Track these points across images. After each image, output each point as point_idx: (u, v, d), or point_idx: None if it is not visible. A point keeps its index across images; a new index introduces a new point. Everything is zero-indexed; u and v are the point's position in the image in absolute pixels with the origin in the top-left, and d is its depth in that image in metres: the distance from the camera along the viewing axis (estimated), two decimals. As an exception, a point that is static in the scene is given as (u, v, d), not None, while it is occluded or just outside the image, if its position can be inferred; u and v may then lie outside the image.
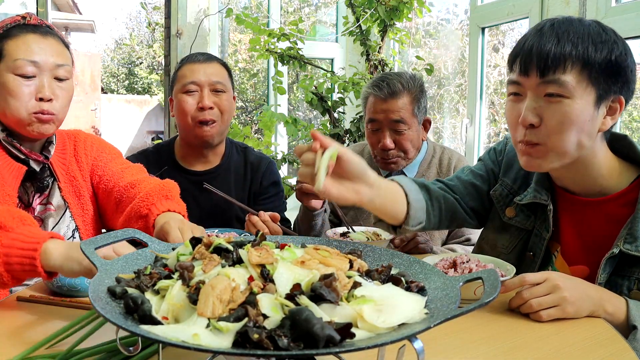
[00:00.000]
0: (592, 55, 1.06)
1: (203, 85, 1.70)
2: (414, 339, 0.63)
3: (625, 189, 1.16)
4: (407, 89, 1.81)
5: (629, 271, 1.12)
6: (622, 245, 1.10)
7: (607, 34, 1.09)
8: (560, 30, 1.08)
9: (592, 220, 1.19)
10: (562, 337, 0.96)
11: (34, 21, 1.36)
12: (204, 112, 1.68)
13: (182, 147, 1.82)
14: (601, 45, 1.07)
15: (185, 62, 1.76)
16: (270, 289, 0.69)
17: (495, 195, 1.36)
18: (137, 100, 12.61)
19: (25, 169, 1.34)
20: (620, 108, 1.12)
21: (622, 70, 1.08)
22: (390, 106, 1.80)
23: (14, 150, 1.34)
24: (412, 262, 0.86)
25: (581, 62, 1.06)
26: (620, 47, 1.08)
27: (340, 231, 1.63)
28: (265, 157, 1.90)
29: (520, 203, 1.30)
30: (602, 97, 1.09)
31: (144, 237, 0.94)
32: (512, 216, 1.32)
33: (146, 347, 0.87)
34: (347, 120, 3.70)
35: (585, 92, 1.07)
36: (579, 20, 1.11)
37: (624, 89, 1.11)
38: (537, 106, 1.10)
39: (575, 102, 1.07)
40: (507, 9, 2.91)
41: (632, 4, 2.29)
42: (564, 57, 1.06)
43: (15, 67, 1.29)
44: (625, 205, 1.14)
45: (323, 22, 5.11)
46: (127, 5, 29.75)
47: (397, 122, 1.80)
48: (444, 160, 1.95)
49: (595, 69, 1.06)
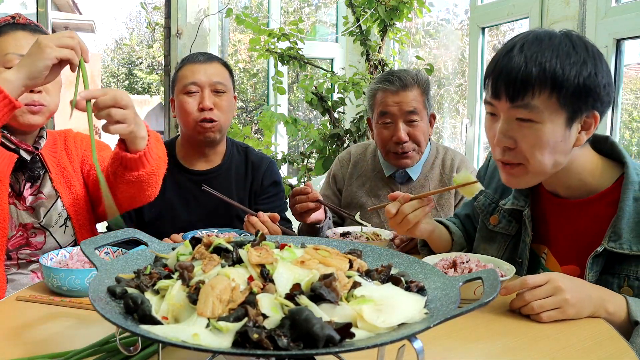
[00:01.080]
0: (560, 78, 1.05)
1: (204, 85, 1.70)
2: (413, 338, 0.63)
3: (607, 188, 1.17)
4: (416, 82, 1.84)
5: (618, 269, 1.13)
6: (607, 243, 1.12)
7: (577, 52, 1.07)
8: (529, 53, 1.07)
9: (579, 220, 1.21)
10: (562, 337, 0.96)
11: (23, 20, 1.42)
12: (205, 112, 1.68)
13: (183, 147, 1.82)
14: (569, 67, 1.05)
15: (185, 62, 1.76)
16: (270, 288, 0.69)
17: (478, 206, 1.42)
18: (137, 100, 12.59)
19: (16, 157, 1.39)
20: (595, 122, 1.11)
21: (591, 90, 1.07)
22: (403, 98, 1.81)
23: (5, 140, 1.39)
24: (412, 262, 0.86)
25: (549, 87, 1.06)
26: (590, 67, 1.07)
27: (340, 231, 1.63)
28: (266, 157, 1.90)
29: (503, 208, 1.34)
30: (573, 118, 1.09)
31: (143, 237, 0.94)
32: (495, 223, 1.37)
33: (146, 347, 0.87)
34: (347, 120, 3.70)
35: (554, 115, 1.07)
36: (550, 39, 1.09)
37: (597, 105, 1.10)
38: (509, 128, 1.11)
39: (546, 126, 1.08)
40: (507, 9, 2.91)
41: (632, 4, 2.29)
42: (531, 82, 1.06)
43: (5, 61, 1.34)
44: (610, 204, 1.16)
45: (323, 22, 5.11)
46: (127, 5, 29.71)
47: (411, 113, 1.81)
48: (447, 161, 1.96)
49: (563, 93, 1.06)
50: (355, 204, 1.96)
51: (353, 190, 1.98)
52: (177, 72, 1.76)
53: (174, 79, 1.78)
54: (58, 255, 1.24)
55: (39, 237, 1.43)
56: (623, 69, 2.38)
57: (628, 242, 1.11)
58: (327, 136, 3.48)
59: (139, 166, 1.31)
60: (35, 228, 1.42)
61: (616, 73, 2.35)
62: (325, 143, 3.47)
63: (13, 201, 1.40)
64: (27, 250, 1.41)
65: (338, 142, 3.48)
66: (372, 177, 1.97)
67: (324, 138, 3.48)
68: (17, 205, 1.41)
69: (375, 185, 1.95)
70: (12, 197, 1.40)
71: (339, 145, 3.47)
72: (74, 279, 1.12)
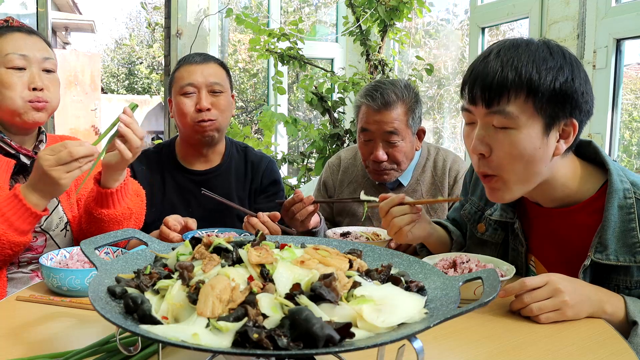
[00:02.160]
0: (536, 83, 1.03)
1: (201, 86, 1.70)
2: (413, 338, 0.63)
3: (591, 197, 1.15)
4: (401, 99, 1.75)
5: (607, 278, 1.12)
6: (593, 255, 1.11)
7: (554, 58, 1.06)
8: (505, 58, 1.06)
9: (564, 230, 1.19)
10: (562, 337, 0.96)
11: (17, 24, 1.46)
12: (202, 113, 1.68)
13: (182, 147, 1.82)
14: (545, 72, 1.04)
15: (182, 63, 1.75)
16: (270, 288, 0.69)
17: (465, 214, 1.42)
18: (137, 100, 12.60)
19: (14, 162, 1.40)
20: (574, 131, 1.09)
21: (568, 96, 1.05)
22: (384, 117, 1.74)
23: (5, 145, 1.41)
24: (412, 262, 0.86)
25: (525, 91, 1.04)
26: (567, 73, 1.05)
27: (340, 231, 1.63)
28: (266, 156, 1.90)
29: (490, 218, 1.33)
30: (550, 125, 1.06)
31: (143, 237, 0.94)
32: (482, 231, 1.37)
33: (146, 347, 0.87)
34: (347, 120, 3.70)
35: (530, 121, 1.05)
36: (527, 45, 1.07)
37: (575, 112, 1.07)
38: (486, 135, 1.09)
39: (521, 133, 1.06)
40: (507, 9, 2.91)
41: (632, 4, 2.29)
42: (507, 86, 1.04)
43: (7, 61, 1.38)
44: (594, 212, 1.14)
45: (323, 22, 5.11)
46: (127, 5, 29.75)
47: (391, 134, 1.75)
48: (439, 162, 1.91)
49: (539, 98, 1.04)
50: (347, 211, 1.95)
51: (344, 198, 1.97)
52: (174, 73, 1.76)
53: (170, 80, 1.78)
54: (58, 255, 1.24)
55: (39, 241, 1.42)
56: (623, 69, 2.38)
57: (615, 252, 1.09)
58: (327, 136, 3.48)
59: (106, 204, 1.40)
60: (36, 232, 1.41)
61: (616, 73, 2.35)
62: (325, 143, 3.47)
63: None
64: (28, 254, 1.41)
65: (338, 142, 3.48)
66: (363, 184, 1.94)
67: (324, 138, 3.48)
68: None
69: (366, 191, 1.90)
70: None
71: (339, 145, 3.47)
72: (74, 279, 1.12)
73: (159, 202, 1.75)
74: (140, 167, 1.78)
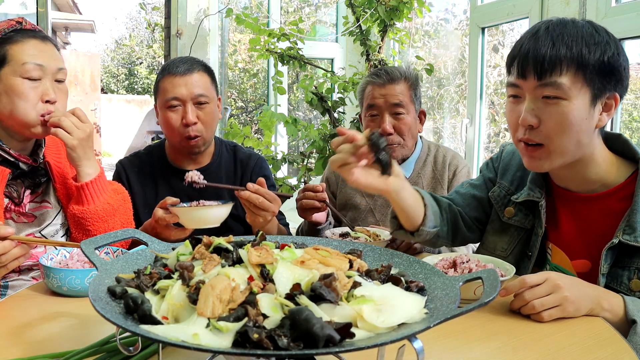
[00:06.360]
0: (586, 57, 1.09)
1: (186, 100, 1.68)
2: (413, 338, 0.63)
3: (622, 183, 1.19)
4: (404, 76, 1.86)
5: (628, 262, 1.14)
6: (622, 236, 1.13)
7: (600, 34, 1.12)
8: (555, 34, 1.11)
9: (591, 215, 1.22)
10: (562, 337, 0.96)
11: (29, 26, 1.40)
12: (189, 128, 1.69)
13: (172, 150, 1.84)
14: (594, 46, 1.10)
15: (165, 73, 1.72)
16: (270, 288, 0.69)
17: (493, 197, 1.41)
18: (137, 100, 12.60)
19: (9, 171, 1.37)
20: (616, 104, 1.15)
21: (615, 69, 1.11)
22: (389, 90, 1.84)
23: (4, 154, 1.37)
24: (412, 262, 0.86)
25: (576, 64, 1.09)
26: (613, 47, 1.11)
27: (340, 231, 1.63)
28: (254, 154, 1.92)
29: (516, 201, 1.34)
30: (597, 96, 1.12)
31: (143, 237, 0.94)
32: (511, 216, 1.36)
33: (146, 347, 0.87)
34: (347, 120, 3.70)
35: (580, 93, 1.10)
36: (573, 22, 1.14)
37: (618, 86, 1.14)
38: (535, 107, 1.14)
39: (572, 103, 1.10)
40: (507, 9, 2.91)
41: (632, 4, 2.29)
42: (559, 60, 1.09)
43: (23, 71, 1.32)
44: (623, 199, 1.18)
45: (323, 22, 5.12)
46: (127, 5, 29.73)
47: (397, 106, 1.83)
48: (439, 158, 1.96)
49: (589, 70, 1.09)
50: (350, 206, 1.96)
51: (347, 192, 1.98)
52: (158, 82, 1.74)
53: (155, 87, 1.77)
54: (58, 255, 1.24)
55: (39, 247, 1.40)
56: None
57: None
58: (327, 136, 3.48)
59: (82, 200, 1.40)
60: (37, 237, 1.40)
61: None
62: (325, 143, 3.47)
63: (10, 215, 1.38)
64: (29, 262, 1.39)
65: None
66: None
67: (324, 138, 3.48)
68: (14, 219, 1.38)
69: None
70: (10, 210, 1.38)
71: (339, 145, 3.46)
72: (74, 279, 1.12)
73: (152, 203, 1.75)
74: (132, 169, 1.81)
